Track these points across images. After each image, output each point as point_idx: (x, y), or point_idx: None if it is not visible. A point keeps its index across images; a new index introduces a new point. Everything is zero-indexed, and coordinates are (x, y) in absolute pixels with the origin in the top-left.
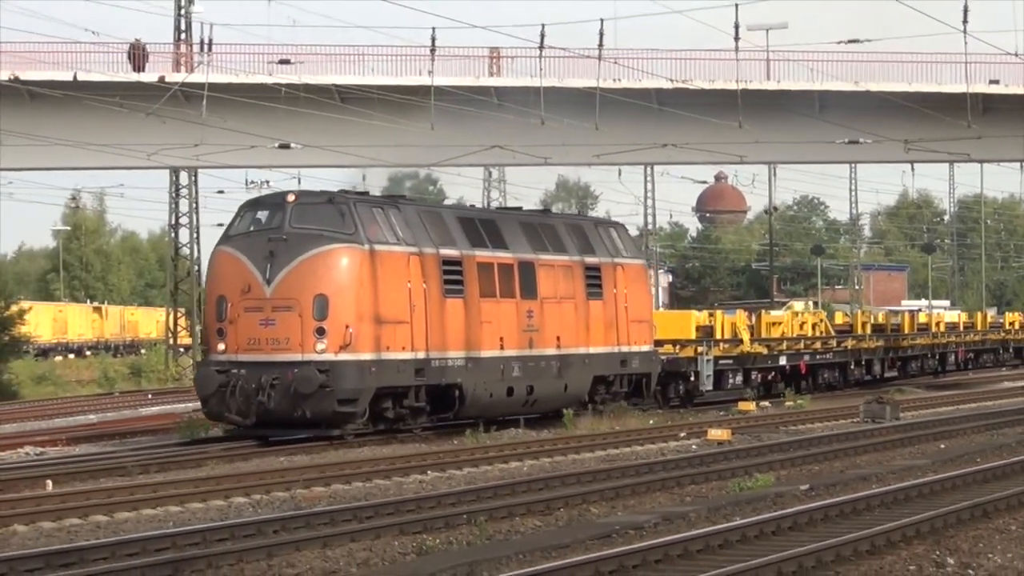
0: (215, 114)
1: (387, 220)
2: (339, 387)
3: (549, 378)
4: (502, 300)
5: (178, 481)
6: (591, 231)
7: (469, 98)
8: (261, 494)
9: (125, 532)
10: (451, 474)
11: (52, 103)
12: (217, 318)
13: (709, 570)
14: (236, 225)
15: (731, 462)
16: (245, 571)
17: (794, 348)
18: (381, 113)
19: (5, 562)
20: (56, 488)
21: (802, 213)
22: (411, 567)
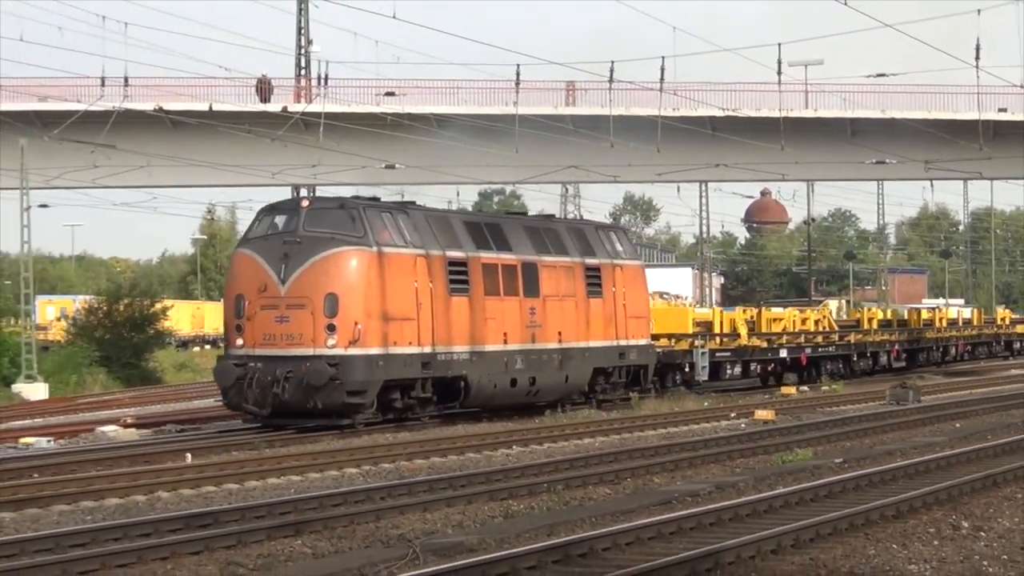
0: (330, 139)
1: (395, 224)
2: (348, 380)
3: (551, 370)
4: (506, 298)
5: (299, 454)
6: (592, 234)
7: (548, 124)
8: (370, 465)
9: (253, 498)
10: (533, 449)
11: (191, 130)
12: (236, 315)
13: (757, 531)
14: (255, 229)
15: (775, 439)
16: (356, 532)
17: (795, 342)
18: (472, 138)
19: (151, 523)
20: (194, 460)
21: (836, 224)
22: (499, 528)
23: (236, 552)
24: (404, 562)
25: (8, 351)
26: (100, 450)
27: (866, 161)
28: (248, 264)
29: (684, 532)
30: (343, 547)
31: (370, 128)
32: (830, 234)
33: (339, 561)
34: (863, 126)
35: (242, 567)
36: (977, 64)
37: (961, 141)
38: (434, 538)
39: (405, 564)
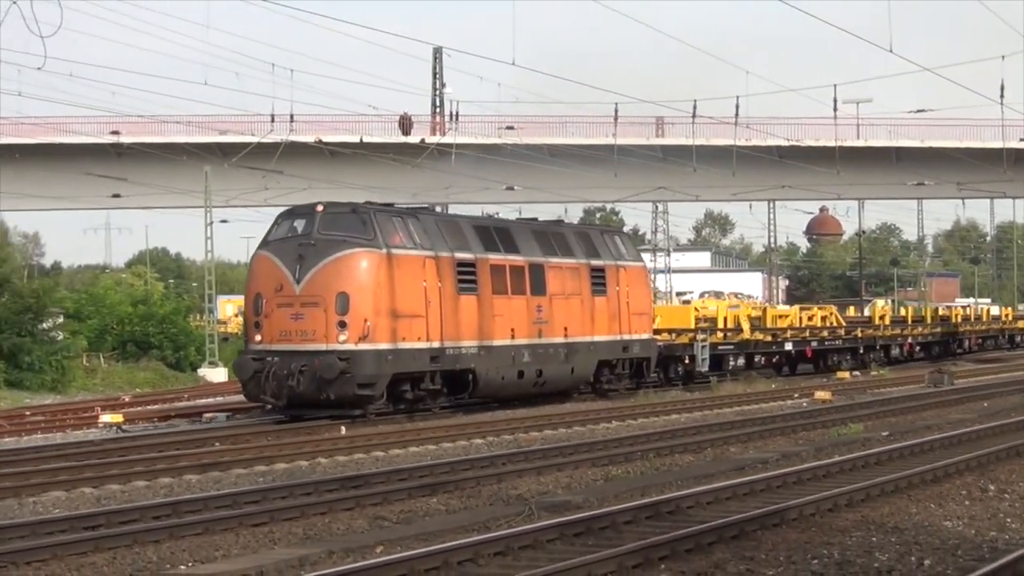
0: (460, 165)
1: (405, 228)
2: (358, 373)
3: (557, 363)
4: (513, 297)
5: (434, 427)
6: (597, 238)
7: (641, 153)
8: (493, 436)
9: (396, 463)
10: (629, 423)
11: (345, 159)
12: (254, 312)
13: (816, 493)
14: (273, 232)
15: (831, 415)
16: (482, 492)
17: (800, 336)
18: (578, 164)
19: (312, 484)
20: (348, 432)
21: (882, 235)
22: (600, 489)
23: (382, 508)
24: (521, 517)
25: (194, 342)
26: (269, 423)
27: (908, 183)
28: (266, 265)
29: (755, 493)
30: (471, 504)
31: (493, 156)
32: (878, 244)
33: (468, 516)
34: (906, 153)
35: (387, 521)
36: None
37: (988, 166)
38: (546, 497)
39: (522, 519)
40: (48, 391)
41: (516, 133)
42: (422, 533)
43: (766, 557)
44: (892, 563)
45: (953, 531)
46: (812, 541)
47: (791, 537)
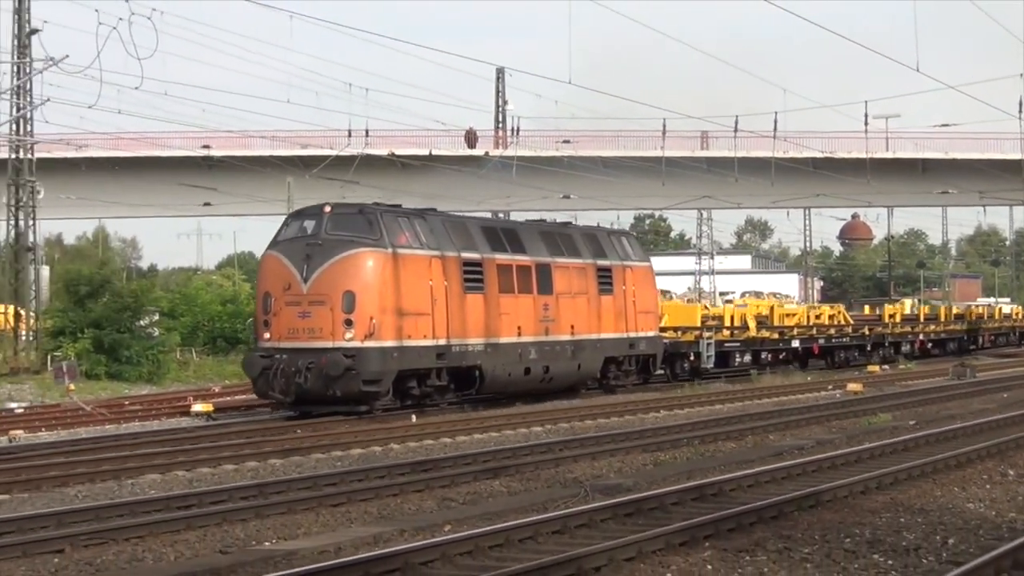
0: (521, 176)
1: (412, 228)
2: (364, 370)
3: (564, 359)
4: (520, 295)
5: (497, 416)
6: (604, 239)
7: (687, 164)
8: (551, 424)
9: (462, 449)
10: (676, 412)
11: (416, 170)
12: (264, 311)
13: (848, 476)
14: (283, 232)
15: (862, 405)
16: (541, 475)
17: (807, 334)
18: (629, 174)
19: (385, 468)
20: (418, 420)
21: (910, 240)
22: (650, 473)
23: (449, 490)
24: (577, 499)
25: None
26: (348, 413)
27: (933, 191)
28: (275, 264)
29: (792, 477)
30: (530, 487)
31: (551, 168)
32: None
33: (527, 497)
34: (931, 164)
35: (454, 502)
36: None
37: (1008, 176)
38: (600, 480)
39: (578, 500)
40: (145, 383)
41: (572, 146)
42: (486, 513)
43: (802, 536)
44: (919, 542)
45: (975, 512)
46: (845, 521)
47: (826, 518)
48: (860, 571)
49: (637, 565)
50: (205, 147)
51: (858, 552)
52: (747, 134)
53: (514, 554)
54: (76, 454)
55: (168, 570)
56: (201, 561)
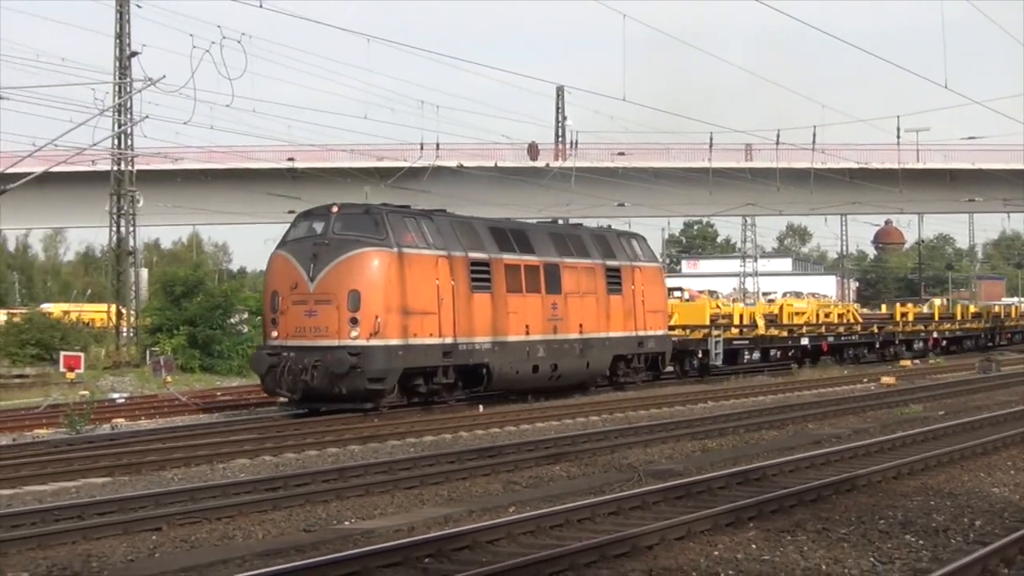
0: (579, 185)
1: (419, 228)
2: (369, 368)
3: (572, 357)
4: (528, 295)
5: (557, 406)
6: (613, 240)
7: (732, 174)
8: (607, 415)
9: (525, 436)
10: (722, 403)
11: (482, 180)
12: (271, 309)
13: (882, 463)
14: (291, 232)
15: (895, 397)
16: (597, 461)
17: (816, 332)
18: (679, 184)
19: (455, 454)
20: (484, 410)
21: (939, 243)
22: (698, 459)
23: (513, 474)
24: (631, 483)
25: None
26: (419, 403)
27: (961, 199)
28: (283, 264)
29: (830, 463)
30: (588, 472)
31: (606, 178)
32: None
33: (585, 481)
34: (959, 174)
35: (518, 485)
36: None
37: None
38: (652, 466)
39: (632, 484)
40: (235, 375)
41: (626, 158)
42: (547, 496)
43: (840, 518)
44: (947, 523)
45: (1000, 496)
46: (879, 504)
47: (861, 501)
48: (893, 550)
49: (687, 544)
50: (290, 160)
51: (891, 533)
52: (788, 146)
53: (573, 533)
54: (172, 440)
55: (257, 547)
56: (287, 539)
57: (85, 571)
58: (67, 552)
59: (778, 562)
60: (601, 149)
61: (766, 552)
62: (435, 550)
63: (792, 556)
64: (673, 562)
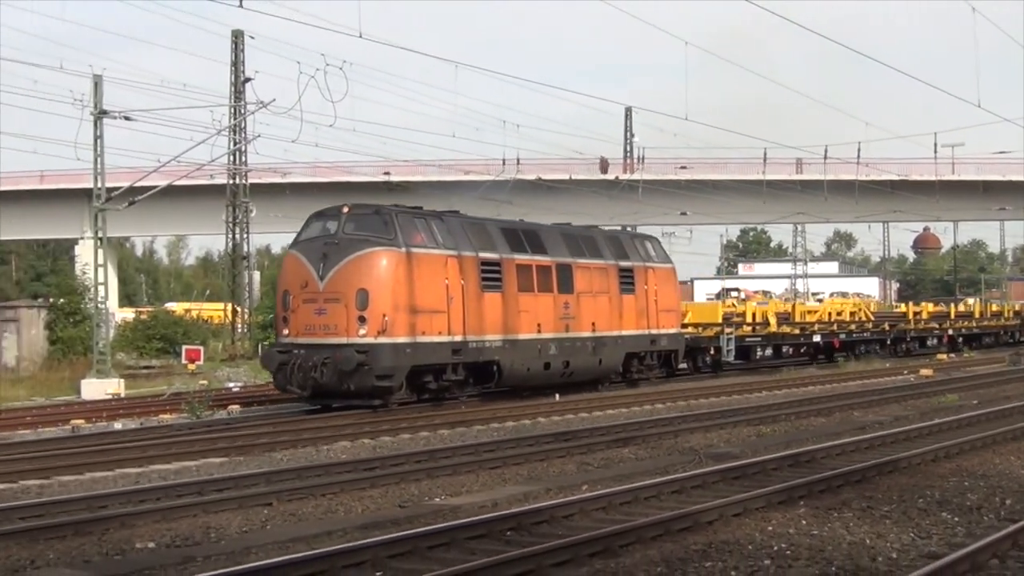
0: (645, 196)
1: (428, 228)
2: (376, 365)
3: (585, 355)
4: (540, 294)
5: (625, 395)
6: (627, 241)
7: (784, 185)
8: (671, 403)
9: (597, 422)
10: (775, 393)
11: (559, 191)
12: (283, 308)
13: (921, 447)
14: (304, 232)
15: (933, 387)
16: (662, 444)
17: (828, 329)
18: (735, 194)
19: (533, 437)
20: (560, 398)
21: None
22: (753, 443)
23: (586, 456)
24: (692, 464)
25: None
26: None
27: (993, 208)
28: (294, 263)
29: (873, 447)
30: (654, 454)
31: (670, 189)
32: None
33: (651, 463)
34: (991, 185)
35: (590, 466)
36: None
37: None
38: (711, 449)
39: (693, 465)
40: None
41: (688, 171)
42: (617, 475)
43: (882, 496)
44: (980, 502)
45: None
46: (918, 484)
47: (902, 481)
48: (931, 527)
49: (743, 520)
50: (386, 173)
51: (929, 510)
52: (835, 160)
53: (640, 510)
54: (281, 425)
55: (356, 521)
56: (383, 513)
57: (205, 541)
58: (188, 524)
59: (826, 537)
60: (665, 163)
61: (815, 527)
62: (516, 524)
63: (839, 531)
64: (731, 536)
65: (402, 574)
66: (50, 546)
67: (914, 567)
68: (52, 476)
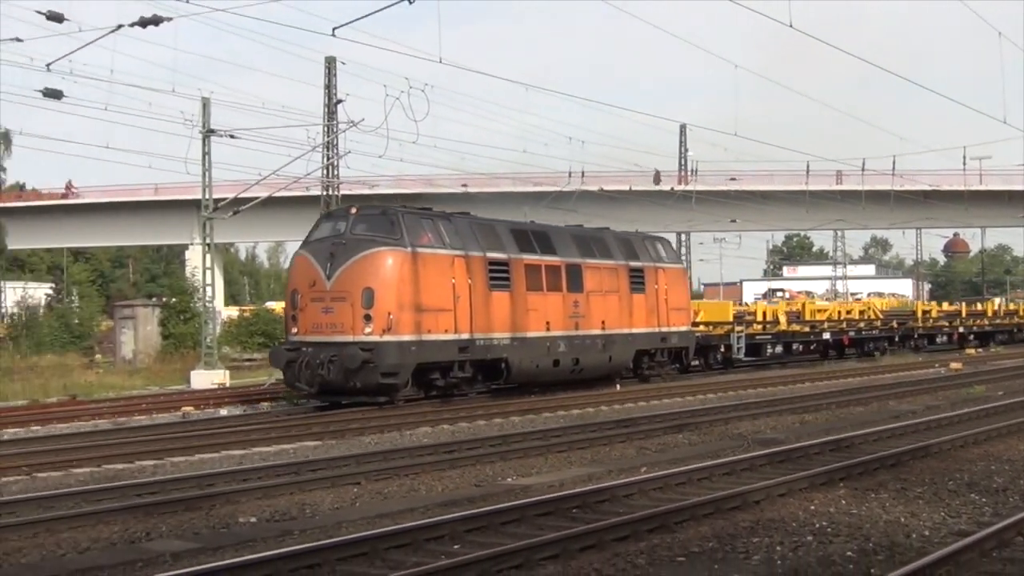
0: (698, 205)
1: (435, 229)
2: (381, 362)
3: (595, 352)
4: (549, 293)
5: (680, 386)
6: (638, 243)
7: (825, 195)
8: (721, 393)
9: (654, 410)
10: (817, 384)
11: (619, 201)
12: (292, 307)
13: (951, 434)
14: (313, 233)
15: (962, 379)
16: (713, 431)
17: (837, 327)
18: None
19: (597, 424)
20: (621, 388)
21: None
22: (797, 429)
23: (645, 441)
24: (741, 449)
25: None
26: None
27: (1018, 215)
28: (303, 263)
29: (907, 433)
30: (706, 439)
31: (721, 199)
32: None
33: (703, 447)
34: (1016, 195)
35: (648, 450)
36: None
37: None
38: (759, 435)
39: (742, 450)
40: None
41: (737, 183)
42: (672, 459)
43: (915, 479)
44: (1006, 484)
45: None
46: (948, 468)
47: (933, 465)
48: (960, 507)
49: (787, 499)
50: (464, 185)
51: (959, 492)
52: (872, 172)
53: (694, 490)
54: (370, 412)
55: (436, 499)
56: (460, 492)
57: (300, 517)
58: (286, 501)
59: (864, 515)
60: (716, 175)
61: (854, 507)
62: (580, 502)
63: (876, 510)
64: (776, 514)
65: (478, 547)
66: (163, 520)
67: (945, 544)
68: (165, 457)
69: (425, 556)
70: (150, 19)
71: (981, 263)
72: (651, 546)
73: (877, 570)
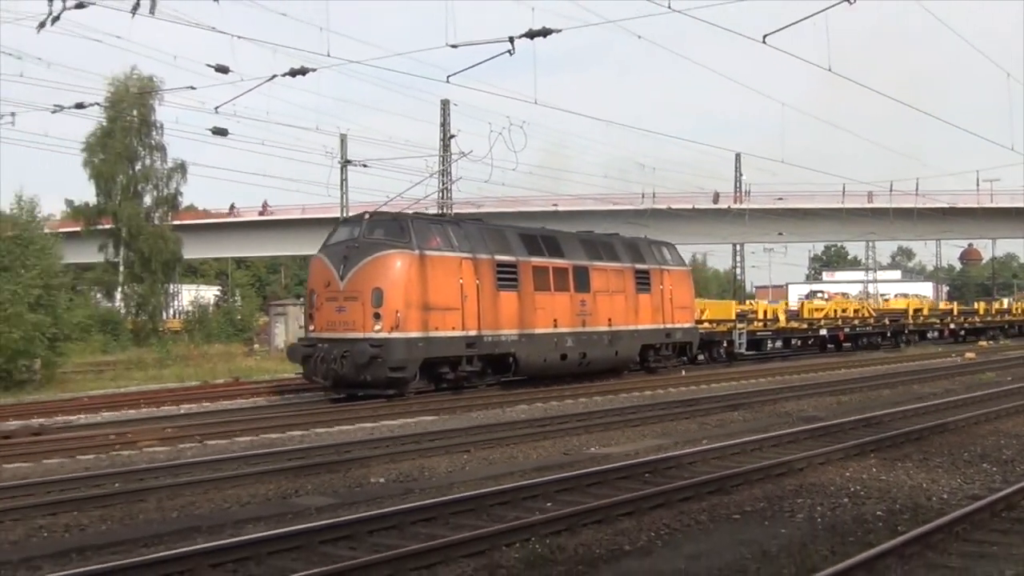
0: (751, 221)
1: (444, 233)
2: (390, 358)
3: (601, 347)
4: (556, 293)
5: (733, 372)
6: (644, 247)
7: (859, 211)
8: (771, 378)
9: (713, 392)
10: (850, 371)
11: (683, 218)
12: (310, 306)
13: (966, 413)
14: (331, 237)
15: (975, 367)
16: (764, 409)
17: (833, 324)
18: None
19: (665, 403)
20: (686, 374)
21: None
22: (834, 409)
23: (705, 418)
24: (787, 424)
25: None
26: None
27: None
28: (319, 265)
29: (928, 413)
30: (757, 416)
31: (770, 216)
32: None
33: (755, 423)
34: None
35: (708, 425)
36: None
37: None
38: (802, 413)
39: (787, 425)
40: None
41: (784, 202)
42: (728, 433)
43: (935, 451)
44: (1013, 456)
45: None
46: (963, 442)
47: (950, 439)
48: (974, 474)
49: (826, 467)
50: (554, 205)
51: (973, 462)
52: (898, 192)
53: (747, 459)
54: (476, 393)
55: (531, 464)
56: (552, 459)
57: (420, 478)
58: (408, 465)
59: (891, 481)
60: (766, 195)
61: (883, 474)
62: (652, 468)
63: (901, 477)
64: (817, 480)
65: (567, 504)
66: (309, 480)
67: (961, 505)
68: (310, 428)
69: (522, 512)
70: (298, 70)
71: (992, 269)
72: (711, 505)
73: (903, 527)
